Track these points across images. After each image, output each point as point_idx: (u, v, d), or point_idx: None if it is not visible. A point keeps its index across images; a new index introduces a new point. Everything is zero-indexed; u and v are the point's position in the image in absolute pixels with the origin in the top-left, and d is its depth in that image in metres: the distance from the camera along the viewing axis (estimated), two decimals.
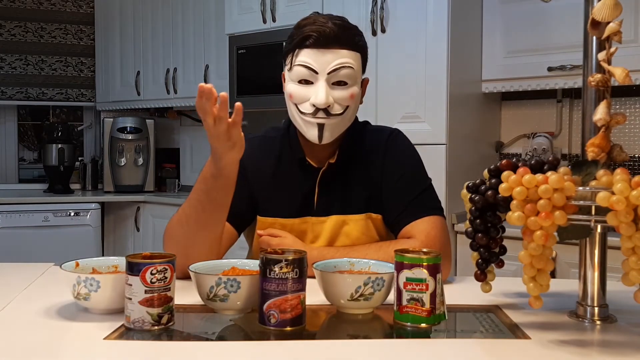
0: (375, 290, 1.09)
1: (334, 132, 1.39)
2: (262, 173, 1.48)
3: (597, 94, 1.06)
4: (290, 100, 1.40)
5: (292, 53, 1.38)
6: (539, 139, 2.90)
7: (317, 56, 1.35)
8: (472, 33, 2.83)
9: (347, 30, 1.39)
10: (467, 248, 1.16)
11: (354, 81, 1.38)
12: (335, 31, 1.35)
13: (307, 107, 1.37)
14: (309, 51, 1.36)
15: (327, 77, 1.35)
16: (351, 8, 2.85)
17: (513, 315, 1.11)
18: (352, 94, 1.38)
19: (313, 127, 1.38)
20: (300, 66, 1.37)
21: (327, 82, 1.35)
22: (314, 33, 1.35)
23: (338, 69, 1.35)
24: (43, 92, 4.51)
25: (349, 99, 1.38)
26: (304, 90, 1.37)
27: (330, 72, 1.35)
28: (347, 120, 1.41)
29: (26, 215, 3.73)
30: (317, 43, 1.35)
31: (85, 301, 1.08)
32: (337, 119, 1.38)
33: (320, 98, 1.34)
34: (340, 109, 1.37)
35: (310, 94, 1.36)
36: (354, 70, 1.37)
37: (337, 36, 1.35)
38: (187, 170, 4.40)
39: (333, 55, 1.35)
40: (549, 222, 0.92)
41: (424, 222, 1.40)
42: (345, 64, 1.36)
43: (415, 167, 1.49)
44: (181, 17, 3.97)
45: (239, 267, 1.19)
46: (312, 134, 1.38)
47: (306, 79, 1.37)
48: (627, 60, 1.95)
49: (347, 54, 1.36)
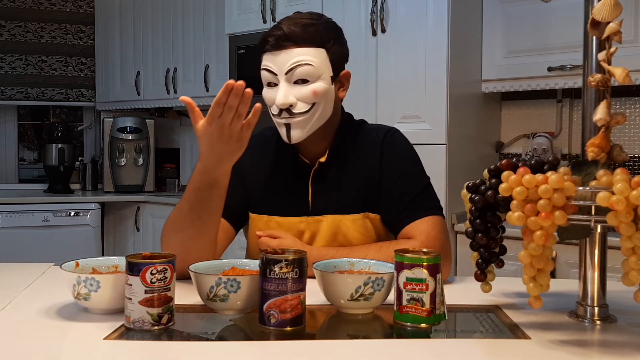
0: (375, 290, 1.09)
1: (303, 131, 1.39)
2: (259, 171, 1.49)
3: (597, 94, 1.06)
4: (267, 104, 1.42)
5: (260, 59, 1.42)
6: (539, 139, 2.90)
7: (274, 58, 1.38)
8: (472, 33, 2.83)
9: (307, 27, 1.38)
10: (467, 248, 1.16)
11: (316, 77, 1.37)
12: (289, 31, 1.36)
13: (274, 108, 1.39)
14: (268, 55, 1.39)
15: (285, 77, 1.37)
16: (351, 8, 2.85)
17: (513, 315, 1.11)
18: (315, 90, 1.37)
19: (282, 127, 1.40)
20: (263, 70, 1.40)
21: (287, 81, 1.37)
22: (270, 37, 1.38)
23: (294, 68, 1.36)
24: (43, 92, 4.51)
25: (312, 96, 1.37)
26: (271, 92, 1.40)
27: (287, 71, 1.36)
28: (318, 118, 1.40)
29: (26, 215, 3.73)
30: (273, 46, 1.37)
31: (85, 301, 1.08)
32: (302, 117, 1.38)
33: (278, 99, 1.36)
34: (305, 107, 1.37)
35: (275, 95, 1.38)
36: (313, 67, 1.37)
37: (290, 36, 1.36)
38: (187, 170, 4.40)
39: (286, 55, 1.36)
40: (549, 222, 0.92)
41: (423, 223, 1.40)
42: (301, 62, 1.36)
43: (413, 166, 1.49)
44: (181, 17, 3.97)
45: (239, 267, 1.19)
46: (283, 134, 1.40)
47: (271, 82, 1.40)
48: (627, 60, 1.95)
49: (304, 52, 1.36)
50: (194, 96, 4.24)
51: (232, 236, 1.47)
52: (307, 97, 1.37)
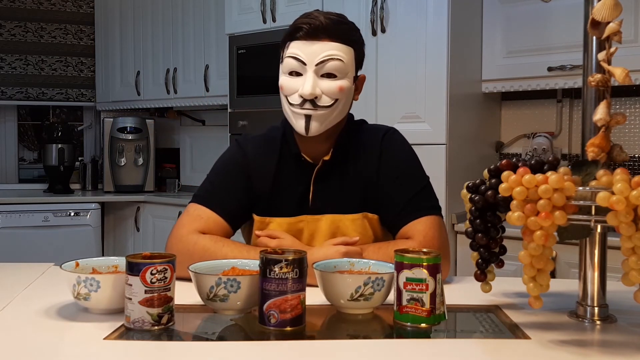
0: (375, 290, 1.09)
1: (322, 125, 1.39)
2: (265, 173, 1.48)
3: (597, 94, 1.06)
4: (282, 92, 1.41)
5: (284, 46, 1.41)
6: (539, 139, 2.89)
7: (305, 47, 1.36)
8: (472, 33, 2.83)
9: (340, 24, 1.40)
10: (467, 248, 1.16)
11: (343, 74, 1.38)
12: (325, 23, 1.36)
13: (295, 98, 1.38)
14: (299, 43, 1.37)
15: (315, 68, 1.36)
16: (351, 8, 2.85)
17: (513, 315, 1.11)
18: (341, 86, 1.38)
19: (300, 118, 1.38)
20: (289, 58, 1.38)
21: (315, 73, 1.36)
22: (304, 25, 1.36)
23: (326, 61, 1.36)
24: (43, 92, 4.51)
25: (337, 92, 1.37)
26: (293, 81, 1.38)
27: (318, 63, 1.36)
28: (337, 114, 1.41)
29: (26, 215, 3.73)
30: (307, 35, 1.36)
31: (85, 301, 1.08)
32: (325, 110, 1.37)
33: (306, 89, 1.35)
34: (329, 101, 1.37)
35: (299, 85, 1.37)
36: (343, 63, 1.37)
37: (327, 28, 1.36)
38: (187, 170, 4.40)
39: (321, 46, 1.36)
40: (549, 222, 0.92)
41: (421, 223, 1.39)
42: (334, 56, 1.36)
43: (411, 165, 1.48)
44: (181, 17, 3.97)
45: (239, 267, 1.19)
46: (300, 125, 1.39)
47: (296, 70, 1.38)
48: (627, 60, 1.95)
49: (337, 47, 1.37)
50: (194, 96, 4.26)
51: (230, 236, 1.47)
52: (332, 91, 1.37)
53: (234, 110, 3.37)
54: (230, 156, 1.53)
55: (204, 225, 1.42)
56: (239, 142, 1.54)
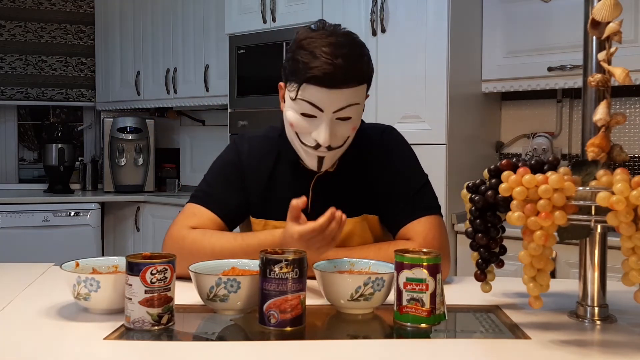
0: (375, 290, 1.09)
1: (333, 159, 1.39)
2: (260, 174, 1.47)
3: (597, 94, 1.06)
4: (291, 128, 1.36)
5: (299, 85, 1.31)
6: (539, 139, 2.89)
7: (323, 95, 1.29)
8: (472, 33, 2.83)
9: (357, 62, 1.31)
10: (467, 248, 1.16)
11: (358, 115, 1.36)
12: (343, 69, 1.28)
13: (309, 140, 1.34)
14: (316, 89, 1.29)
15: (332, 115, 1.31)
16: (351, 8, 2.85)
17: (513, 315, 1.11)
18: (354, 127, 1.36)
19: (313, 158, 1.36)
20: (305, 102, 1.31)
21: (331, 120, 1.32)
22: (321, 74, 1.27)
23: (344, 108, 1.32)
24: (43, 92, 4.51)
25: (350, 131, 1.36)
26: (307, 123, 1.33)
27: (336, 111, 1.31)
28: (346, 146, 1.39)
29: (26, 215, 3.73)
30: (325, 83, 1.28)
31: (85, 301, 1.08)
32: (337, 150, 1.36)
33: (323, 139, 1.31)
34: (341, 142, 1.36)
35: (313, 128, 1.33)
36: (359, 106, 1.34)
37: (345, 75, 1.28)
38: (187, 170, 4.40)
39: (340, 95, 1.29)
40: (549, 222, 0.92)
41: (421, 223, 1.39)
42: (351, 103, 1.32)
43: (410, 164, 1.48)
44: (181, 17, 3.97)
45: (239, 267, 1.19)
46: (312, 164, 1.37)
47: (310, 113, 1.32)
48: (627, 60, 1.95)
49: (354, 92, 1.31)
50: (193, 96, 4.26)
51: None
52: (346, 132, 1.35)
53: (234, 110, 3.37)
54: (227, 156, 1.52)
55: (198, 222, 1.42)
56: (236, 141, 1.53)
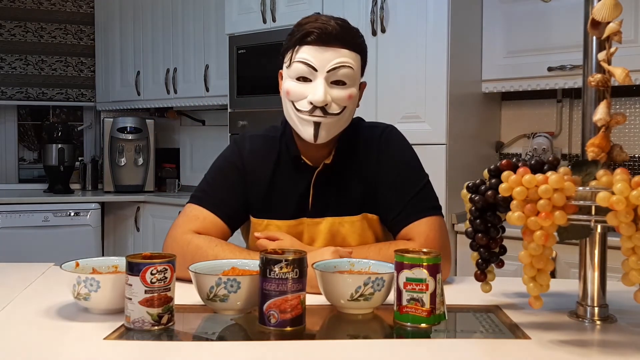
0: (375, 290, 1.09)
1: (330, 132, 1.38)
2: (261, 173, 1.47)
3: (597, 94, 1.06)
4: (287, 98, 1.38)
5: (292, 50, 1.36)
6: (539, 139, 2.89)
7: (317, 53, 1.33)
8: (472, 33, 2.83)
9: (349, 30, 1.37)
10: (467, 248, 1.16)
11: (352, 82, 1.37)
12: (337, 30, 1.34)
13: (304, 104, 1.35)
14: (310, 48, 1.33)
15: (326, 75, 1.33)
16: (351, 8, 2.85)
17: (513, 315, 1.11)
18: (350, 94, 1.36)
19: (309, 126, 1.35)
20: (299, 62, 1.34)
21: (325, 80, 1.33)
22: (316, 30, 1.33)
23: (338, 68, 1.33)
24: (43, 92, 4.51)
25: (346, 99, 1.36)
26: (302, 87, 1.35)
27: (330, 70, 1.33)
28: (344, 122, 1.40)
29: (26, 215, 3.73)
30: (319, 40, 1.33)
31: (85, 301, 1.08)
32: (334, 118, 1.36)
33: (318, 96, 1.32)
34: (338, 109, 1.36)
35: (308, 91, 1.34)
36: (353, 71, 1.36)
37: (338, 35, 1.34)
38: (187, 170, 4.40)
39: (334, 53, 1.33)
40: (549, 222, 0.92)
41: (422, 224, 1.39)
42: (346, 64, 1.34)
43: (411, 164, 1.47)
44: (181, 17, 3.97)
45: (239, 267, 1.19)
46: (308, 133, 1.36)
47: (305, 76, 1.35)
48: (627, 60, 1.95)
49: (348, 54, 1.35)
50: (193, 96, 4.27)
51: (228, 236, 1.46)
52: (342, 99, 1.35)
53: (234, 110, 3.37)
54: (227, 156, 1.52)
55: (200, 226, 1.42)
56: (237, 141, 1.53)
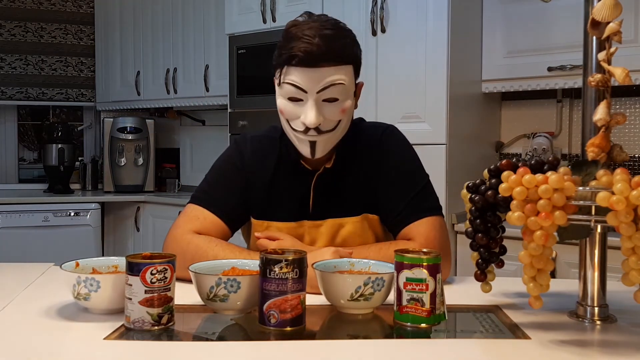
0: (375, 290, 1.09)
1: (327, 146, 1.37)
2: (261, 174, 1.47)
3: (597, 94, 1.06)
4: (282, 115, 1.37)
5: (281, 70, 1.33)
6: (539, 139, 2.89)
7: (305, 75, 1.29)
8: (472, 33, 2.83)
9: (336, 42, 1.31)
10: (467, 248, 1.16)
11: (345, 96, 1.34)
12: (322, 48, 1.28)
13: (298, 124, 1.34)
14: (296, 70, 1.30)
15: (316, 96, 1.31)
16: (351, 8, 2.85)
17: (513, 315, 1.11)
18: (344, 108, 1.34)
19: (305, 144, 1.35)
20: (288, 84, 1.32)
21: (316, 101, 1.31)
22: (300, 53, 1.28)
23: (327, 88, 1.31)
24: (43, 92, 4.51)
25: (340, 114, 1.34)
26: (294, 107, 1.33)
27: (319, 91, 1.31)
28: (340, 133, 1.39)
29: (26, 215, 3.73)
30: (304, 62, 1.29)
31: (85, 301, 1.08)
32: (328, 134, 1.35)
33: (309, 119, 1.31)
34: (332, 125, 1.35)
35: (300, 112, 1.32)
36: (344, 86, 1.33)
37: (325, 53, 1.29)
38: (187, 170, 4.40)
39: (321, 74, 1.29)
40: (549, 222, 0.92)
41: (422, 224, 1.39)
42: (335, 82, 1.31)
43: (411, 164, 1.47)
44: (181, 17, 3.97)
45: (239, 267, 1.19)
46: (305, 150, 1.36)
47: (295, 96, 1.33)
48: (627, 60, 1.95)
49: (336, 70, 1.31)
50: (193, 96, 4.27)
51: (228, 236, 1.46)
52: (335, 115, 1.34)
53: (234, 110, 3.37)
54: (228, 156, 1.52)
55: (201, 226, 1.42)
56: (237, 142, 1.53)
